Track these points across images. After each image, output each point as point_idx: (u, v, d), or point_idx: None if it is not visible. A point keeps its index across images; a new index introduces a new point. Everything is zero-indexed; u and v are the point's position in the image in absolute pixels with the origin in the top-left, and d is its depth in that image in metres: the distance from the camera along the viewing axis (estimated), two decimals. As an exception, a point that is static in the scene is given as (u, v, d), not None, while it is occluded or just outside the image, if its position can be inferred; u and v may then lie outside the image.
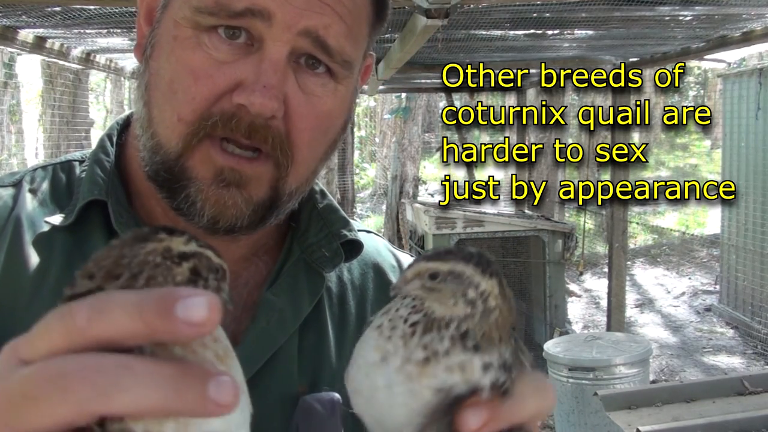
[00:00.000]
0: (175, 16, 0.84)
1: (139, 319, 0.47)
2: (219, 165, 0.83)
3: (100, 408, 0.46)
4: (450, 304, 0.60)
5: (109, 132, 1.00)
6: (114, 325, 0.47)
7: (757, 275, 8.34)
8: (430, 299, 0.61)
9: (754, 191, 8.36)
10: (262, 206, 0.87)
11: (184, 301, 0.47)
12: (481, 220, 7.55)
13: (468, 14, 4.50)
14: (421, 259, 0.62)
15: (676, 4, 4.41)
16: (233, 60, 0.82)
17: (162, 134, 0.85)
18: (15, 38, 4.94)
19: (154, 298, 0.48)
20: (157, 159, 0.86)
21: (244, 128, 0.82)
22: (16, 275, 0.86)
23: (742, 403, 3.01)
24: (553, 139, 13.10)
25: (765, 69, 8.01)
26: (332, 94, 0.88)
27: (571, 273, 10.68)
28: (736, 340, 8.73)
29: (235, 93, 0.82)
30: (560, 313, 7.60)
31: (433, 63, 6.91)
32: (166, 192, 0.87)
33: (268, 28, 0.81)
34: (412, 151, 12.82)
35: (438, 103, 24.94)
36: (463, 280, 0.60)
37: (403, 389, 0.59)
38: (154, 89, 0.87)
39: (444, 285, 0.60)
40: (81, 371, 0.47)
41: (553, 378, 5.38)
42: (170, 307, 0.47)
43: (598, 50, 6.55)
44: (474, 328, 0.60)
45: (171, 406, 0.47)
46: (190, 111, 0.83)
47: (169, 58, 0.85)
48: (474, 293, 0.60)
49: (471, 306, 0.60)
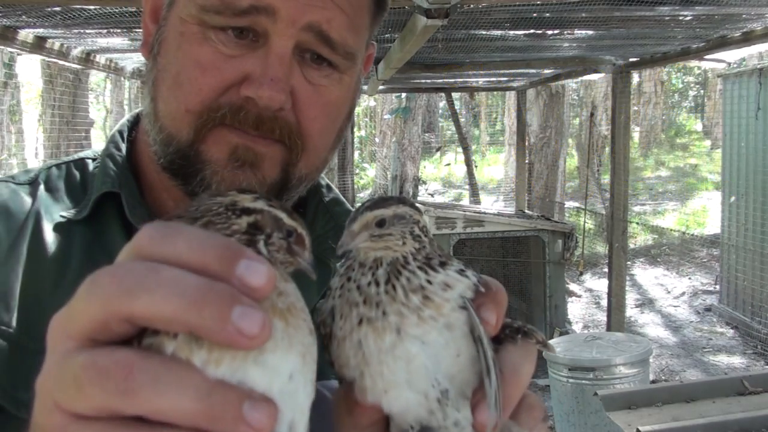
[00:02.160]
0: (181, 14, 0.86)
1: (202, 254, 0.48)
2: (233, 143, 0.86)
3: (122, 306, 0.46)
4: (400, 245, 0.64)
5: (120, 128, 1.03)
6: (178, 249, 0.48)
7: (757, 275, 8.34)
8: (378, 248, 0.64)
9: (754, 191, 8.36)
10: (275, 188, 0.89)
11: (249, 261, 0.48)
12: (481, 220, 7.55)
13: (468, 14, 4.50)
14: (363, 211, 0.65)
15: (676, 4, 4.41)
16: (240, 54, 0.85)
17: (171, 126, 0.87)
18: (15, 38, 4.94)
19: (222, 243, 0.49)
20: (170, 150, 0.88)
21: (252, 120, 0.85)
22: (38, 266, 0.89)
23: (742, 403, 3.01)
24: (554, 138, 13.09)
25: (765, 69, 8.01)
26: (338, 83, 0.91)
27: (571, 273, 10.69)
28: (736, 340, 8.73)
29: (243, 86, 0.84)
30: (560, 313, 7.61)
31: (433, 63, 6.91)
32: (181, 179, 0.89)
33: (272, 23, 0.83)
34: (412, 151, 12.83)
35: (438, 103, 24.95)
36: (407, 220, 0.65)
37: (437, 333, 0.61)
38: (160, 84, 0.89)
39: (393, 228, 0.65)
40: (113, 270, 0.48)
41: (553, 378, 5.38)
42: (234, 260, 0.48)
43: (598, 50, 6.55)
44: (429, 253, 0.65)
45: (189, 318, 0.46)
46: (197, 102, 0.85)
47: (176, 53, 0.87)
48: (418, 228, 0.66)
49: (418, 240, 0.65)
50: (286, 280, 0.56)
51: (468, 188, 13.58)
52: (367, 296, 0.62)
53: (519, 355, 0.65)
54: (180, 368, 0.47)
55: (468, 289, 0.63)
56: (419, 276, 0.62)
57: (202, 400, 0.46)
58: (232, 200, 0.56)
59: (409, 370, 0.61)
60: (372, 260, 0.64)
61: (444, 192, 21.26)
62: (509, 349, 0.65)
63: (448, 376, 0.61)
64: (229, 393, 0.46)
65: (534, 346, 0.68)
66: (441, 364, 0.61)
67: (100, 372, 0.46)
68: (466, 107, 24.68)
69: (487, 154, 27.25)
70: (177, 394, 0.45)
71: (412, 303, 0.61)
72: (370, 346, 0.61)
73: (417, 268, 0.63)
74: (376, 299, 0.62)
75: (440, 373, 0.61)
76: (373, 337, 0.61)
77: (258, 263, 0.48)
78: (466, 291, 0.63)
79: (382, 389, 0.61)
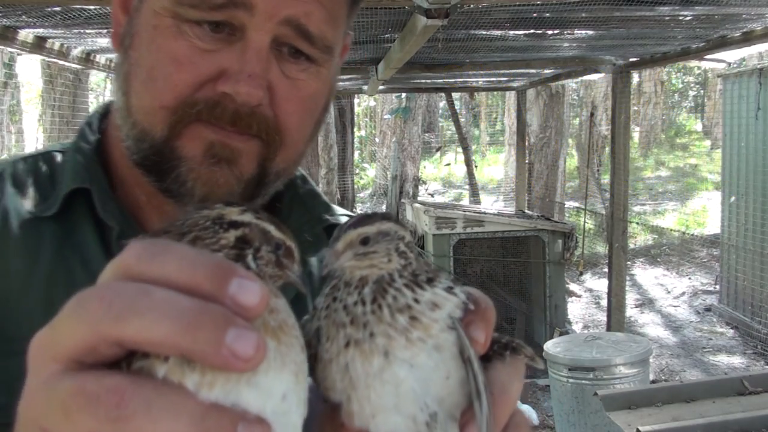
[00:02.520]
0: (154, 6, 0.84)
1: (192, 273, 0.47)
2: (210, 139, 0.83)
3: (112, 330, 0.45)
4: (385, 262, 0.63)
5: (88, 121, 1.00)
6: (167, 269, 0.47)
7: (757, 275, 8.34)
8: (363, 266, 0.63)
9: (754, 191, 8.36)
10: (251, 183, 0.87)
11: (241, 280, 0.47)
12: (481, 220, 7.55)
13: (468, 14, 4.50)
14: (346, 229, 0.64)
15: (676, 4, 4.41)
16: (216, 48, 0.82)
17: (144, 121, 0.85)
18: (15, 38, 4.94)
19: (213, 262, 0.48)
20: (144, 146, 0.86)
21: (229, 116, 0.82)
22: (5, 264, 0.86)
23: (742, 403, 3.01)
24: (554, 138, 13.08)
25: (765, 69, 8.01)
26: (315, 77, 0.89)
27: (571, 273, 10.68)
28: (736, 340, 8.73)
29: (220, 81, 0.82)
30: (560, 313, 7.60)
31: (433, 63, 6.91)
32: (155, 175, 0.87)
33: (250, 17, 0.81)
34: (412, 151, 12.83)
35: (438, 103, 24.95)
36: (392, 236, 0.64)
37: (426, 355, 0.59)
38: (133, 78, 0.86)
39: (377, 246, 0.63)
40: (101, 291, 0.46)
41: (553, 378, 5.38)
42: (226, 279, 0.47)
43: (598, 50, 6.55)
44: (416, 270, 0.64)
45: (182, 342, 0.45)
46: (172, 98, 0.82)
47: (150, 47, 0.84)
48: (403, 244, 0.64)
49: (404, 257, 0.64)
50: (276, 296, 0.55)
51: (468, 188, 13.58)
52: (354, 316, 0.61)
53: (508, 372, 0.63)
54: (173, 393, 0.46)
55: (456, 308, 0.62)
56: (406, 294, 0.61)
57: (196, 425, 0.45)
58: (219, 213, 0.55)
59: (397, 394, 0.59)
60: (358, 279, 0.63)
61: (444, 192, 21.26)
62: (498, 367, 0.63)
63: (437, 399, 0.60)
64: (223, 416, 0.46)
65: (523, 362, 0.66)
66: (430, 387, 0.60)
67: (89, 398, 0.44)
68: (466, 107, 24.68)
69: (487, 154, 27.26)
70: (171, 420, 0.44)
71: (399, 324, 0.59)
72: (358, 369, 0.59)
73: (403, 285, 0.62)
74: (363, 320, 0.60)
75: (429, 396, 0.60)
76: (361, 361, 0.59)
77: (250, 282, 0.47)
78: (455, 310, 0.61)
79: (369, 414, 0.60)
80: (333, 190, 11.43)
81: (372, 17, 4.50)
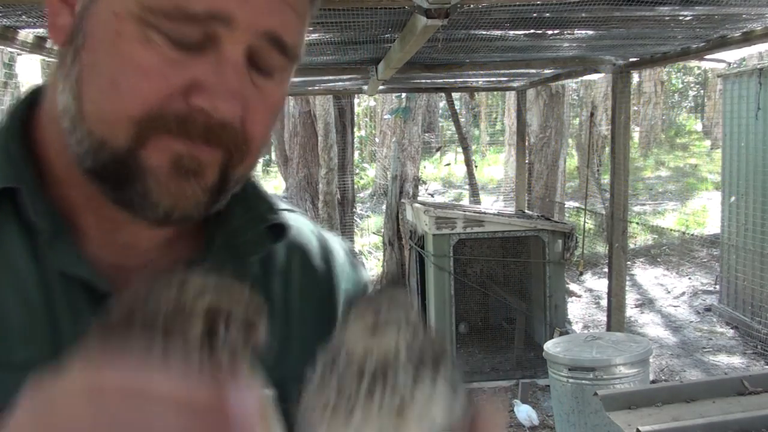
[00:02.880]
0: (114, 8, 0.78)
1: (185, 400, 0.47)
2: (177, 152, 0.79)
3: None
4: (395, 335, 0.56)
5: (12, 112, 0.92)
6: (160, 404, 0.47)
7: (757, 275, 8.34)
8: (372, 341, 0.56)
9: (754, 191, 8.36)
10: (214, 191, 0.83)
11: (236, 393, 0.48)
12: (481, 220, 7.55)
13: (468, 14, 4.50)
14: (360, 306, 0.58)
15: (676, 4, 4.41)
16: (186, 59, 0.77)
17: (104, 130, 0.79)
18: (15, 38, 4.93)
19: (202, 382, 0.48)
20: (103, 155, 0.80)
21: (200, 130, 0.78)
22: None
23: (742, 403, 3.01)
24: (554, 138, 13.06)
25: (765, 69, 8.01)
26: (280, 84, 0.86)
27: (571, 273, 10.68)
28: (736, 340, 8.73)
29: (194, 95, 0.77)
30: (560, 313, 7.60)
31: (433, 63, 6.91)
32: (112, 184, 0.81)
33: (228, 31, 0.77)
34: (412, 151, 12.81)
35: (438, 103, 24.95)
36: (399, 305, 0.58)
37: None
38: (88, 84, 0.80)
39: (389, 316, 0.57)
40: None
41: (553, 378, 5.39)
42: (219, 397, 0.47)
43: (598, 50, 6.55)
44: (423, 347, 0.56)
45: None
46: (140, 110, 0.77)
47: (111, 53, 0.78)
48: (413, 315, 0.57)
49: (414, 329, 0.57)
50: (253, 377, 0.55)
51: (468, 188, 13.57)
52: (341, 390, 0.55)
53: None
54: None
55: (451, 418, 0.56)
56: (406, 384, 0.54)
57: None
58: (179, 298, 0.55)
59: None
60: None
61: (444, 192, 21.26)
62: None
63: None
64: None
65: None
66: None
67: None
68: (466, 107, 24.68)
69: (487, 154, 27.26)
70: None
71: (385, 420, 0.54)
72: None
73: (405, 365, 0.55)
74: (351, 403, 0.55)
75: None
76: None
77: (244, 393, 0.48)
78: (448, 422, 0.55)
79: None
80: (333, 190, 11.42)
81: (372, 17, 4.50)
